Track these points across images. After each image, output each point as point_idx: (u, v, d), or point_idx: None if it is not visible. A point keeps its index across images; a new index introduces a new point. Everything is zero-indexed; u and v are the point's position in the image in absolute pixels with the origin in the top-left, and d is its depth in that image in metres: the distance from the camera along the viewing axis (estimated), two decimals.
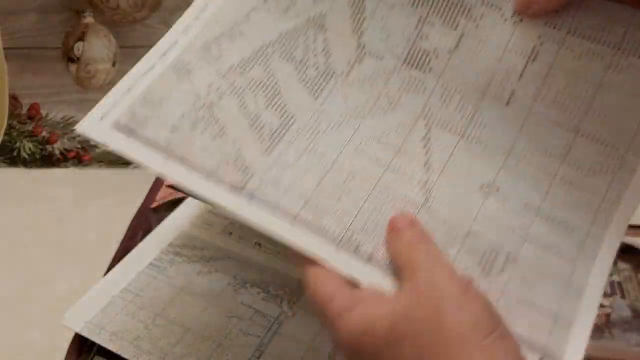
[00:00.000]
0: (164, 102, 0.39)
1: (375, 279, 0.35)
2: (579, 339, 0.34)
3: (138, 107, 0.39)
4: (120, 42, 1.43)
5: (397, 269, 0.34)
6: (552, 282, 0.35)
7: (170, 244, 0.53)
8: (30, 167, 1.38)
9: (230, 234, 0.54)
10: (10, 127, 1.35)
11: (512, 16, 0.39)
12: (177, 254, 0.53)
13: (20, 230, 1.22)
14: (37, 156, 1.39)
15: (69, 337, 0.48)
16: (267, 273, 0.51)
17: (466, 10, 0.40)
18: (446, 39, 0.40)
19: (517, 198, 0.37)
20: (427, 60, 0.40)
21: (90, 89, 1.45)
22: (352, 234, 0.36)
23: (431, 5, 0.41)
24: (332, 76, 0.41)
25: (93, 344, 0.47)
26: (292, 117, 0.40)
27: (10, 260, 1.16)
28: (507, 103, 0.39)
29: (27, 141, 1.40)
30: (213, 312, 0.48)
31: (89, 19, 1.40)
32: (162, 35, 0.42)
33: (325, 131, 0.39)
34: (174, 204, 0.59)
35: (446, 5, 0.40)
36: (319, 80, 0.41)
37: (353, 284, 0.34)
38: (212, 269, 0.51)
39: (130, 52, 1.43)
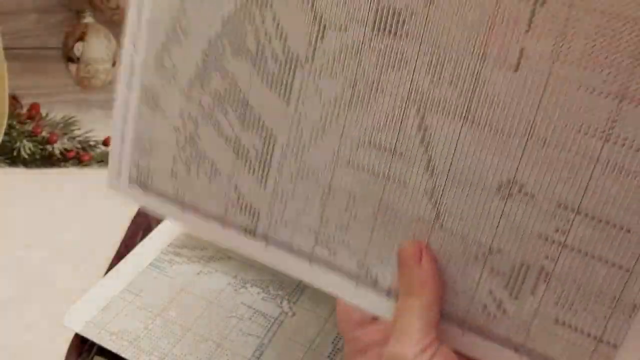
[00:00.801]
0: (154, 146, 0.38)
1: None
2: None
3: (137, 157, 0.38)
4: (120, 42, 1.43)
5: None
6: (596, 298, 0.29)
7: (171, 245, 0.53)
8: (30, 167, 1.38)
9: None
10: (10, 127, 1.35)
11: None
12: (177, 254, 0.53)
13: (20, 230, 1.22)
14: (37, 156, 1.39)
15: (69, 337, 0.48)
16: (267, 273, 0.51)
17: None
18: None
19: (547, 197, 0.29)
20: (401, 21, 0.31)
21: (90, 89, 1.45)
22: (369, 268, 0.33)
23: None
24: (296, 65, 0.33)
25: (93, 344, 0.47)
26: (271, 133, 0.35)
27: (10, 260, 1.16)
28: (517, 68, 0.29)
29: (27, 141, 1.40)
30: (213, 312, 0.48)
31: (89, 19, 1.40)
32: None
33: (309, 143, 0.34)
34: None
35: None
36: (283, 74, 0.34)
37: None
38: (212, 269, 0.51)
39: None
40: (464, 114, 0.30)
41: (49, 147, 1.41)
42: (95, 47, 1.40)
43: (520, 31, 0.28)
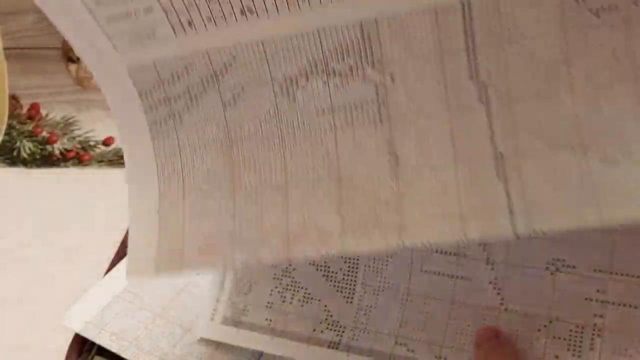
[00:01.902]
0: (253, 285, 0.43)
1: None
2: None
3: (235, 297, 0.44)
4: None
5: None
6: None
7: None
8: (30, 167, 1.38)
9: None
10: (10, 127, 1.35)
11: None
12: None
13: (20, 230, 1.22)
14: (37, 156, 1.39)
15: (69, 337, 0.48)
16: None
17: None
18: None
19: (585, 265, 0.36)
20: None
21: (90, 89, 1.44)
22: (446, 358, 0.38)
23: None
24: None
25: (93, 344, 0.47)
26: (356, 261, 0.41)
27: (10, 260, 1.16)
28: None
29: (27, 141, 1.40)
30: None
31: None
32: None
33: (386, 259, 0.40)
34: None
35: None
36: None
37: None
38: None
39: None
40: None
41: (49, 147, 1.41)
42: None
43: None
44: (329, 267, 0.42)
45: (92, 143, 1.40)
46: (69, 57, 1.40)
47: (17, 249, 1.16)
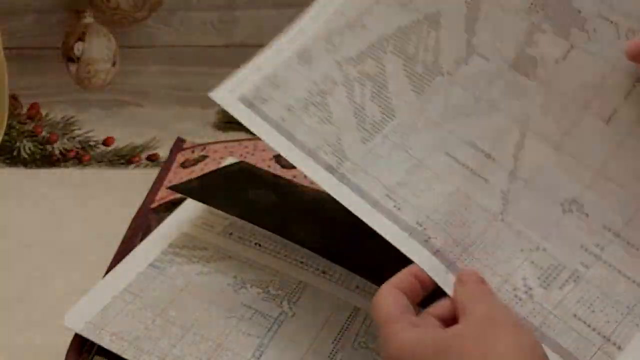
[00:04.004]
0: (285, 86, 0.44)
1: (438, 271, 0.37)
2: None
3: (263, 86, 0.45)
4: (120, 42, 1.43)
5: (458, 308, 0.35)
6: (612, 305, 0.35)
7: (171, 245, 0.53)
8: (30, 167, 1.38)
9: (231, 234, 0.54)
10: (10, 127, 1.35)
11: (626, 34, 0.38)
12: (177, 254, 0.53)
13: (20, 230, 1.22)
14: (37, 156, 1.39)
15: (69, 337, 0.48)
16: (267, 273, 0.51)
17: (580, 22, 0.39)
18: (555, 48, 0.39)
19: (598, 218, 0.37)
20: (534, 67, 0.40)
21: (90, 89, 1.45)
22: (425, 229, 0.38)
23: (546, 13, 0.40)
24: (438, 74, 0.42)
25: (93, 344, 0.47)
26: (392, 112, 0.42)
27: (10, 260, 1.16)
28: (608, 121, 0.37)
29: (27, 141, 1.40)
30: (213, 313, 0.48)
31: (89, 19, 1.40)
32: (162, 35, 0.43)
33: (421, 130, 0.41)
34: (174, 204, 0.59)
35: (561, 14, 0.39)
36: (426, 76, 0.42)
37: (414, 313, 0.36)
38: (212, 270, 0.51)
39: (130, 52, 1.43)
40: (555, 144, 0.38)
41: (49, 147, 1.41)
42: (95, 47, 1.40)
43: (620, 97, 0.37)
44: (363, 107, 0.43)
45: (92, 143, 1.40)
46: (69, 57, 1.41)
47: (17, 249, 1.16)
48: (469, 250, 0.38)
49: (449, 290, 0.37)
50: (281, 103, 0.44)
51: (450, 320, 0.35)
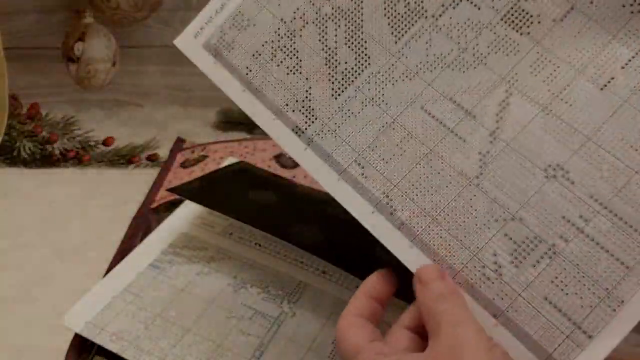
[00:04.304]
0: (251, 26, 0.41)
1: (401, 248, 0.35)
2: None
3: (227, 28, 0.41)
4: (120, 42, 1.43)
5: (424, 322, 0.33)
6: (589, 287, 0.32)
7: (171, 245, 0.53)
8: (30, 167, 1.38)
9: (231, 234, 0.54)
10: (10, 127, 1.35)
11: (632, 4, 0.35)
12: (177, 254, 0.53)
13: (20, 230, 1.22)
14: (37, 156, 1.39)
15: (69, 337, 0.48)
16: (267, 273, 0.51)
17: None
18: (554, 7, 0.36)
19: (584, 187, 0.33)
20: (528, 23, 0.36)
21: (90, 89, 1.45)
22: (392, 199, 0.36)
23: None
24: (420, 16, 0.38)
25: (93, 344, 0.47)
26: (368, 59, 0.39)
27: (10, 260, 1.16)
28: (603, 88, 0.35)
29: (27, 141, 1.40)
30: (213, 313, 0.48)
31: (89, 19, 1.40)
32: (162, 35, 0.43)
33: (396, 81, 0.38)
34: (174, 204, 0.59)
35: None
36: (407, 18, 0.38)
37: (381, 339, 0.34)
38: (212, 270, 0.51)
39: (130, 52, 1.43)
40: (545, 105, 0.35)
41: (49, 147, 1.41)
42: (95, 47, 1.40)
43: (617, 66, 0.34)
44: (336, 52, 0.39)
45: (92, 143, 1.40)
46: (69, 57, 1.41)
47: (17, 249, 1.16)
48: (438, 220, 0.35)
49: (411, 266, 0.35)
50: (247, 48, 0.40)
51: (422, 328, 0.33)
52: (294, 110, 0.39)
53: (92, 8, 1.38)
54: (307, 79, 0.39)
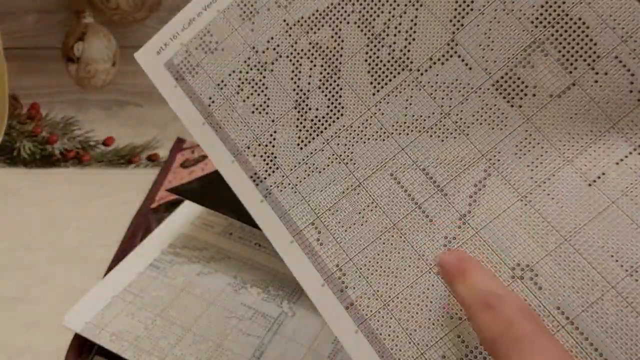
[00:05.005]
0: (219, 49, 0.36)
1: (345, 331, 0.32)
2: None
3: (193, 48, 0.37)
4: (120, 42, 1.43)
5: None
6: None
7: (171, 245, 0.53)
8: (30, 167, 1.38)
9: (231, 234, 0.54)
10: (10, 127, 1.35)
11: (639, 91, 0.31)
12: (177, 254, 0.53)
13: (20, 230, 1.22)
14: (37, 156, 1.39)
15: (69, 337, 0.48)
16: (267, 273, 0.51)
17: (592, 57, 0.31)
18: (554, 80, 0.32)
19: (552, 295, 0.30)
20: (522, 94, 0.32)
21: (90, 89, 1.45)
22: (345, 274, 0.33)
23: (555, 32, 0.32)
24: (404, 68, 0.34)
25: (93, 344, 0.47)
26: (341, 109, 0.35)
27: (10, 260, 1.16)
28: (591, 184, 0.31)
29: (27, 141, 1.40)
30: (213, 313, 0.48)
31: (89, 19, 1.40)
32: None
33: (368, 139, 0.34)
34: (174, 204, 0.59)
35: (572, 40, 0.32)
36: (389, 68, 0.34)
37: None
38: (212, 270, 0.51)
39: (130, 52, 1.43)
40: (524, 194, 0.32)
41: (49, 147, 1.41)
42: (95, 47, 1.40)
43: (612, 161, 0.31)
44: (307, 95, 0.35)
45: (92, 143, 1.40)
46: (69, 57, 1.41)
47: (17, 249, 1.16)
48: (390, 306, 0.32)
49: (353, 354, 0.32)
50: (212, 76, 0.36)
51: None
52: (254, 155, 0.35)
53: (92, 8, 1.38)
54: (273, 121, 0.35)
